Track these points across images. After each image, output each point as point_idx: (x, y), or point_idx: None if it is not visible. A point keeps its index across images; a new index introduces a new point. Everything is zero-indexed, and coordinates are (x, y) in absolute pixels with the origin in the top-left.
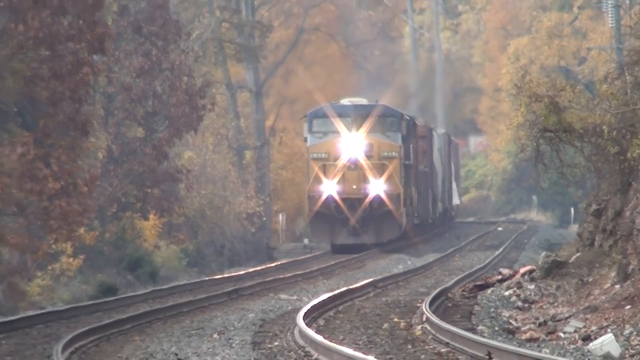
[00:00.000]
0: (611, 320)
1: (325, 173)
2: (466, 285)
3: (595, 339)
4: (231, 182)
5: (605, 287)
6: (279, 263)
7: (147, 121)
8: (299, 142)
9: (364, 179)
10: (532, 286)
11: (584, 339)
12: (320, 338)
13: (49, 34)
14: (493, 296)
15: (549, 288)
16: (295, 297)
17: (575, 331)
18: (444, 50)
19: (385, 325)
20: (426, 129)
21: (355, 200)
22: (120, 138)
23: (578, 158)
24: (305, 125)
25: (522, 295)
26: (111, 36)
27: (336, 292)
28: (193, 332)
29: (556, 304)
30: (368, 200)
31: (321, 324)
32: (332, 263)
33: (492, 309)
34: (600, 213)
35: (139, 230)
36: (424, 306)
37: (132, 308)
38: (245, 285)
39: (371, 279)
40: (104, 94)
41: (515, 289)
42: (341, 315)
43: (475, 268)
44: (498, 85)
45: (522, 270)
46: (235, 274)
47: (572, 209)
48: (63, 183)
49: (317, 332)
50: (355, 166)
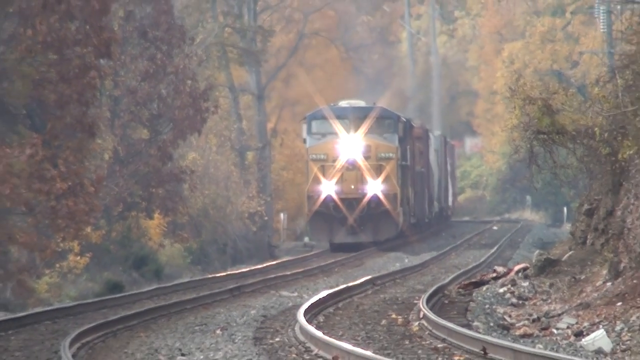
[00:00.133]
0: (603, 316)
1: (324, 174)
2: (462, 282)
3: (588, 334)
4: (234, 183)
5: (597, 285)
6: (280, 261)
7: (152, 123)
8: (300, 144)
9: (362, 180)
10: (526, 283)
11: (576, 335)
12: (320, 334)
13: (57, 39)
14: (488, 293)
15: (543, 285)
16: (295, 294)
17: (568, 327)
18: (440, 54)
19: (384, 322)
20: (423, 130)
21: (353, 200)
22: (126, 140)
23: (570, 159)
24: (304, 127)
25: (517, 292)
26: (117, 41)
27: (336, 290)
28: (197, 328)
29: (549, 300)
30: (366, 200)
31: (321, 320)
32: (332, 261)
33: (487, 306)
34: (592, 212)
35: (144, 229)
36: (421, 303)
37: (138, 305)
38: (247, 283)
39: (369, 277)
40: (110, 97)
41: (509, 286)
42: (340, 311)
43: (471, 266)
44: (493, 89)
45: (517, 268)
46: (237, 271)
47: (565, 209)
48: (70, 183)
49: (317, 328)
50: (353, 167)
